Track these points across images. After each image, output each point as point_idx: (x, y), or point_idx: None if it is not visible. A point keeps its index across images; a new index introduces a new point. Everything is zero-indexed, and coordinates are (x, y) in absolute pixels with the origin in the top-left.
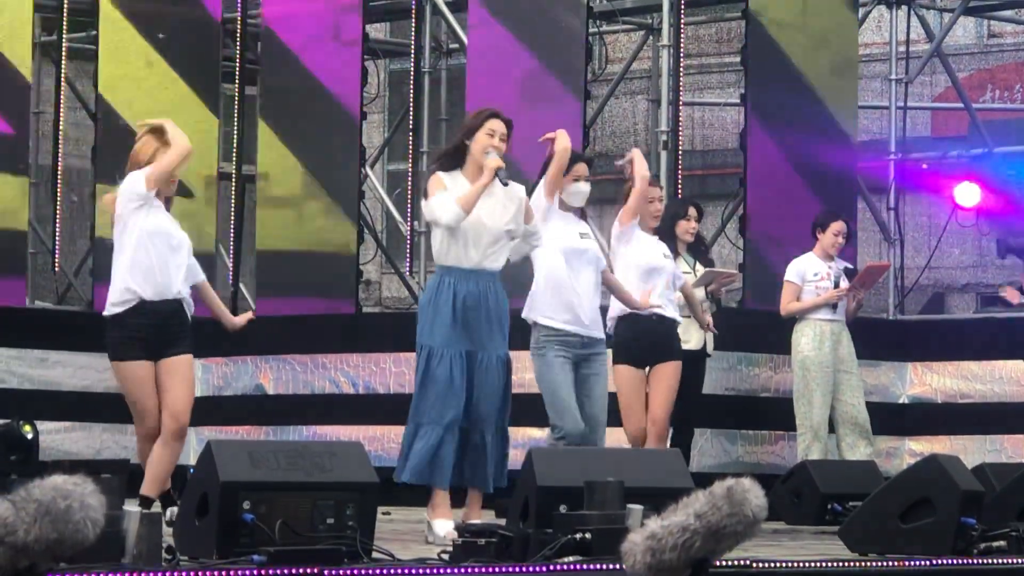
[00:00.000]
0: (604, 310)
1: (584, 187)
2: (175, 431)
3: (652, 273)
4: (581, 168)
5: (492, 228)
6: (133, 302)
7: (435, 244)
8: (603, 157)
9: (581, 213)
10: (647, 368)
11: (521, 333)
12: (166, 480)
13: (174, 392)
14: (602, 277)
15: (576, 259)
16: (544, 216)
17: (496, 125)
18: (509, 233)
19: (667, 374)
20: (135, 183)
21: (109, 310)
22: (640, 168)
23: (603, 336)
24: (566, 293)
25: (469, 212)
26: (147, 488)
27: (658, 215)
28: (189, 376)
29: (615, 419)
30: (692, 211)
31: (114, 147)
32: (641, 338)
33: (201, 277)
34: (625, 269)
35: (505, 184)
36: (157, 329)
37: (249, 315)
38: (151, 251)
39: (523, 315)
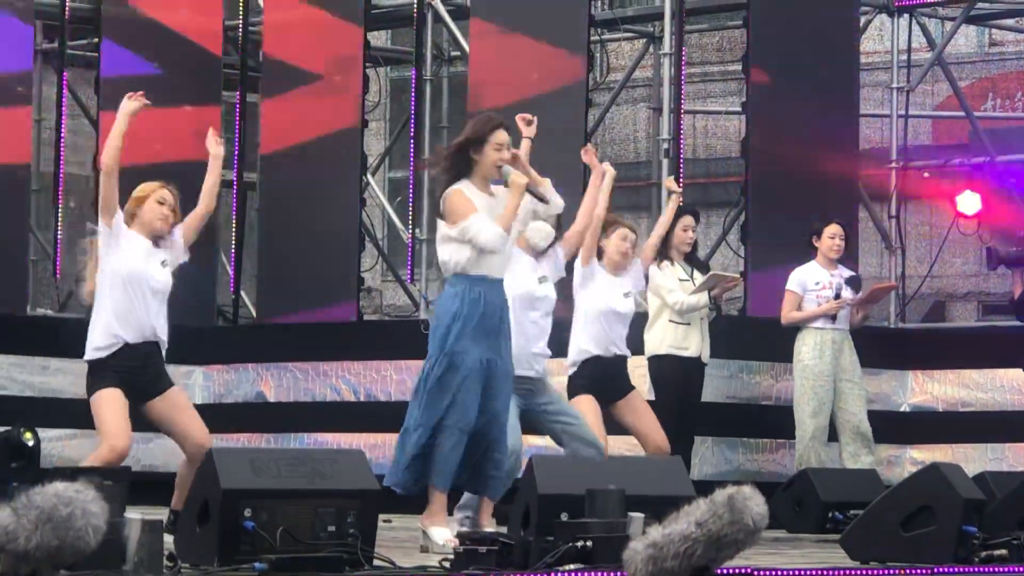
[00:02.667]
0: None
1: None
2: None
3: (612, 316)
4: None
5: (510, 240)
6: (117, 346)
7: (460, 254)
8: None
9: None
10: (607, 405)
11: None
12: None
13: (189, 423)
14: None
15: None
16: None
17: (503, 137)
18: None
19: (639, 402)
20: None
21: (91, 355)
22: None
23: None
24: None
25: (509, 232)
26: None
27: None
28: (190, 404)
29: (614, 428)
30: (688, 220)
31: None
32: (606, 380)
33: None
34: (585, 312)
35: (545, 202)
36: (139, 371)
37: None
38: (131, 294)
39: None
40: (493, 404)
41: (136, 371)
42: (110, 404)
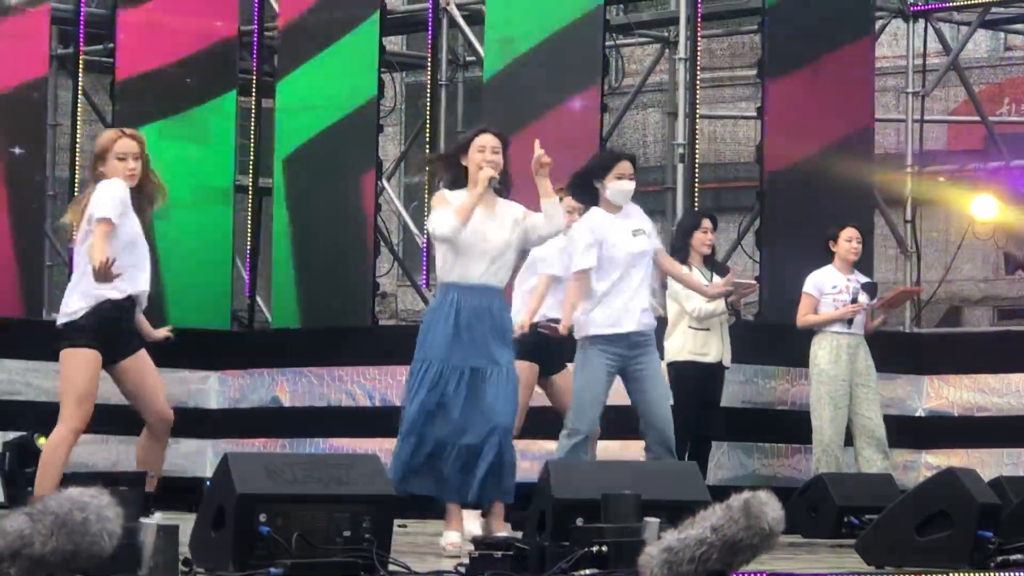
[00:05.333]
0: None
1: (626, 185)
2: (167, 427)
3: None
4: (625, 166)
5: (495, 245)
6: (92, 303)
7: (439, 261)
8: None
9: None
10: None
11: None
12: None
13: (155, 389)
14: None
15: (627, 262)
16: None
17: (485, 140)
18: (511, 249)
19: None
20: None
21: (67, 317)
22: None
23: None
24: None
25: (466, 223)
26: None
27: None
28: (155, 369)
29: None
30: (707, 223)
31: None
32: (546, 344)
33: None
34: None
35: (499, 194)
36: (114, 326)
37: (167, 332)
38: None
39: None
40: (494, 410)
41: (114, 326)
42: (87, 365)
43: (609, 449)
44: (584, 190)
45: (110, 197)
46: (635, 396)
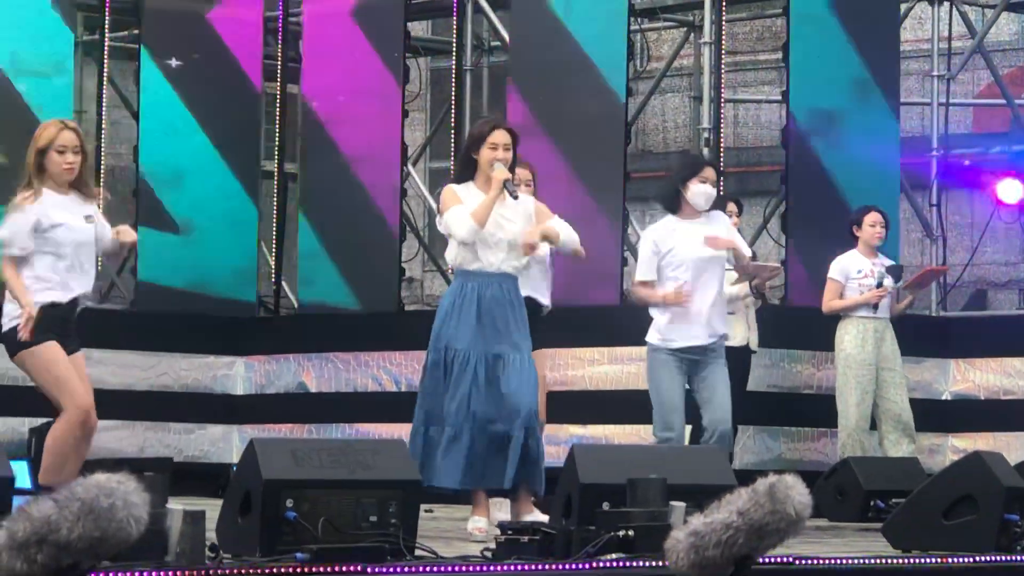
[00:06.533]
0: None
1: (708, 189)
2: (92, 429)
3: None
4: (709, 172)
5: (512, 233)
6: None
7: (452, 251)
8: (645, 154)
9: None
10: None
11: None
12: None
13: (87, 388)
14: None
15: (693, 268)
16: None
17: (499, 137)
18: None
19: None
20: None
21: (15, 320)
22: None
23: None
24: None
25: (483, 225)
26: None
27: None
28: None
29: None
30: (732, 207)
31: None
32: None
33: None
34: None
35: (515, 197)
36: (61, 324)
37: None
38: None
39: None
40: (520, 398)
41: (61, 324)
42: (59, 358)
43: (626, 434)
44: (667, 195)
45: (13, 231)
46: (698, 396)
